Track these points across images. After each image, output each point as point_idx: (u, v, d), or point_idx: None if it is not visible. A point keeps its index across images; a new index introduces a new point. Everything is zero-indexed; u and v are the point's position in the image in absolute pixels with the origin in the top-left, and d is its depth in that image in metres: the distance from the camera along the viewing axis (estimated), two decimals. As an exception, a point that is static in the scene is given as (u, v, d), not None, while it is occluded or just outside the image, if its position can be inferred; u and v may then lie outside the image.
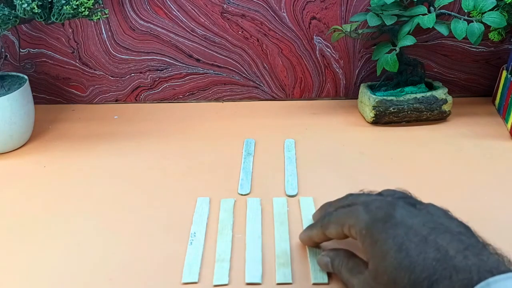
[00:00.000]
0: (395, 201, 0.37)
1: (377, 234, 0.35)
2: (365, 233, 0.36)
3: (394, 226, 0.34)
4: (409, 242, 0.33)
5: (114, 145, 0.65)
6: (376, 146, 0.64)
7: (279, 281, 0.42)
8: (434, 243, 0.32)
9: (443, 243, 0.32)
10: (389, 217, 0.35)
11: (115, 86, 0.76)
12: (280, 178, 0.57)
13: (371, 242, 0.35)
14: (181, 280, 0.43)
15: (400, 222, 0.34)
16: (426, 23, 0.60)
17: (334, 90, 0.77)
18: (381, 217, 0.36)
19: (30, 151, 0.65)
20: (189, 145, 0.65)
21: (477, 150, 0.62)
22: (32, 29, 0.72)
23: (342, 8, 0.70)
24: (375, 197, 0.40)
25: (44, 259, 0.46)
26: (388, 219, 0.35)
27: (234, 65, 0.74)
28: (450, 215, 0.37)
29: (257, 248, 0.46)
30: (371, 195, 0.42)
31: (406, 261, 0.32)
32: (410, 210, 0.36)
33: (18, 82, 0.64)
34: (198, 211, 0.52)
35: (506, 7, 0.61)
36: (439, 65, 0.74)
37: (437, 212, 0.36)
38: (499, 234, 0.48)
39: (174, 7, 0.70)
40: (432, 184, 0.56)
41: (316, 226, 0.43)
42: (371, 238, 0.35)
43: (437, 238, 0.32)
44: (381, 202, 0.38)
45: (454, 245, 0.32)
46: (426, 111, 0.67)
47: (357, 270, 0.38)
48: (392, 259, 0.33)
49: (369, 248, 0.35)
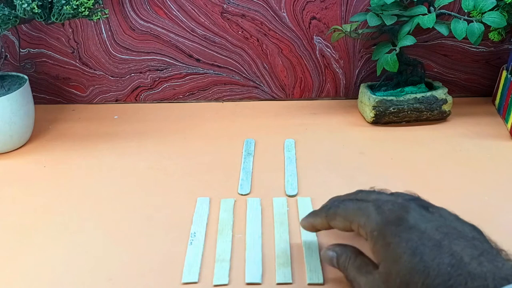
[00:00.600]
0: (408, 203, 0.37)
1: (390, 237, 0.34)
2: (377, 235, 0.35)
3: (407, 230, 0.34)
4: (423, 246, 0.32)
5: (114, 145, 0.65)
6: (376, 146, 0.64)
7: (279, 281, 0.42)
8: (449, 248, 0.32)
9: (457, 249, 0.32)
10: (402, 220, 0.35)
11: (115, 86, 0.76)
12: (280, 178, 0.57)
13: (383, 244, 0.35)
14: (181, 280, 0.43)
15: (414, 226, 0.34)
16: (426, 23, 0.60)
17: (334, 90, 0.77)
18: (394, 220, 0.35)
19: (30, 151, 0.65)
20: (189, 145, 0.65)
21: (477, 150, 0.62)
22: (32, 29, 0.72)
23: (342, 8, 0.70)
24: (386, 197, 0.39)
25: (44, 259, 0.46)
26: (401, 222, 0.35)
27: (234, 65, 0.75)
28: (460, 218, 0.36)
29: (257, 248, 0.46)
30: (382, 193, 0.41)
31: (420, 266, 0.32)
32: (423, 214, 0.35)
33: (18, 82, 0.64)
34: (198, 211, 0.52)
35: (506, 7, 0.61)
36: (439, 65, 0.74)
37: (450, 216, 0.36)
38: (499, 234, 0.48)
39: (174, 7, 0.70)
40: (432, 184, 0.56)
41: (320, 214, 0.42)
42: (383, 241, 0.35)
43: (451, 244, 0.32)
44: (393, 204, 0.37)
45: (468, 251, 0.31)
46: (426, 111, 0.67)
47: (365, 270, 0.37)
48: (406, 263, 0.32)
49: (381, 250, 0.35)
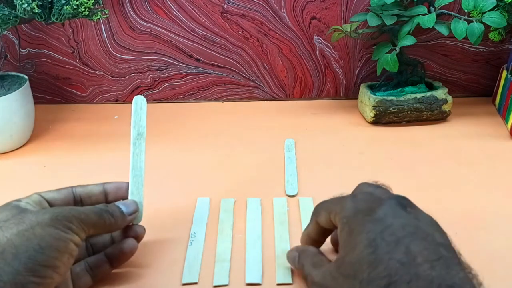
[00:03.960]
0: (386, 198, 0.36)
1: (354, 225, 0.35)
2: (345, 222, 0.36)
3: (373, 221, 0.34)
4: (380, 240, 0.32)
5: (114, 145, 0.65)
6: (376, 146, 0.64)
7: (279, 281, 0.43)
8: (406, 247, 0.31)
9: (415, 249, 0.31)
10: (372, 211, 0.35)
11: (115, 86, 0.76)
12: (281, 178, 0.57)
13: (347, 231, 0.35)
14: (181, 281, 0.43)
15: (381, 219, 0.34)
16: (426, 23, 0.60)
17: (334, 90, 0.77)
18: (364, 210, 0.35)
19: (30, 151, 0.65)
20: (189, 145, 0.65)
21: (477, 150, 0.62)
22: (32, 29, 0.72)
23: (342, 8, 0.70)
24: (372, 189, 0.39)
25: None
26: (370, 213, 0.35)
27: (234, 65, 0.74)
28: (439, 226, 0.35)
29: (257, 248, 0.46)
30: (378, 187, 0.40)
31: (371, 257, 0.32)
32: (396, 210, 0.35)
33: (18, 82, 0.64)
34: (198, 211, 0.52)
35: (506, 7, 0.61)
36: (439, 65, 0.74)
37: (426, 219, 0.35)
38: (499, 234, 0.48)
39: (174, 7, 0.70)
40: (432, 184, 0.56)
41: (311, 219, 0.43)
42: (349, 228, 0.35)
43: (411, 243, 0.32)
44: (370, 195, 0.37)
45: (425, 253, 0.31)
46: (426, 111, 0.67)
47: (321, 265, 0.38)
48: (359, 252, 0.33)
49: (344, 236, 0.35)
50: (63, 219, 0.36)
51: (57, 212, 0.37)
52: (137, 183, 0.45)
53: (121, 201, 0.44)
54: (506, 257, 0.45)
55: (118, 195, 0.45)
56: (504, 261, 0.45)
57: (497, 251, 0.46)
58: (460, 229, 0.49)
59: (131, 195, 0.44)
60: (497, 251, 0.46)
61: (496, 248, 0.46)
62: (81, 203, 0.43)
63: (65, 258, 0.35)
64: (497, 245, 0.46)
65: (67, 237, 0.36)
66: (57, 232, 0.35)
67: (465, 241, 0.47)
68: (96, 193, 0.44)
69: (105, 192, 0.44)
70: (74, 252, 0.36)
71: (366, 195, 0.37)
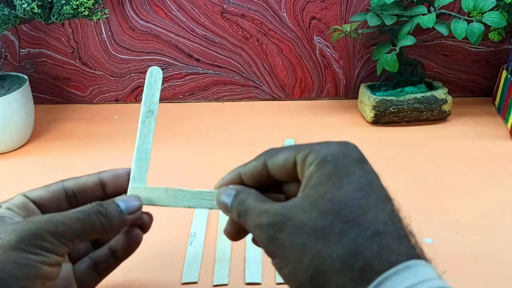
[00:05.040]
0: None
1: (342, 166, 0.31)
2: (329, 160, 0.31)
3: (364, 169, 0.32)
4: (371, 190, 0.30)
5: (114, 145, 0.65)
6: (376, 146, 0.63)
7: (279, 281, 0.43)
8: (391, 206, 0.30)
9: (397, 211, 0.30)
10: (362, 161, 0.32)
11: (115, 86, 0.76)
12: (280, 178, 0.57)
13: (331, 169, 0.31)
14: (181, 280, 0.43)
15: (369, 172, 0.32)
16: (426, 23, 0.60)
17: (334, 90, 0.77)
18: (357, 157, 0.32)
19: (30, 151, 0.65)
20: (189, 145, 0.65)
21: (477, 150, 0.62)
22: (32, 29, 0.72)
23: (342, 8, 0.70)
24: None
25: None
26: (363, 161, 0.33)
27: (234, 65, 0.75)
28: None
29: (257, 248, 0.46)
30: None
31: (362, 201, 0.29)
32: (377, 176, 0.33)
33: (18, 82, 0.64)
34: (198, 211, 0.52)
35: (506, 7, 0.61)
36: (439, 65, 0.74)
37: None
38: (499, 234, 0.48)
39: (174, 7, 0.70)
40: (431, 184, 0.56)
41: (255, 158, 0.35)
42: (334, 167, 0.31)
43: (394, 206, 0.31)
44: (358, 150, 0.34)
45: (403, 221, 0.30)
46: (426, 111, 0.67)
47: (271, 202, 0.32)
48: (347, 192, 0.30)
49: (323, 173, 0.31)
50: (32, 238, 0.31)
51: (26, 230, 0.31)
52: (141, 168, 0.39)
53: (121, 196, 0.37)
54: (506, 257, 0.45)
55: (117, 185, 0.38)
56: (504, 261, 0.45)
57: (497, 251, 0.46)
58: (460, 229, 0.49)
59: (133, 181, 0.38)
60: (497, 251, 0.46)
61: (496, 248, 0.46)
62: (75, 199, 0.38)
63: (38, 285, 0.31)
64: (497, 245, 0.46)
65: (37, 260, 0.31)
66: (23, 256, 0.30)
67: (465, 241, 0.47)
68: (92, 185, 0.38)
69: (101, 183, 0.38)
70: (51, 275, 0.32)
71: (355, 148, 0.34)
